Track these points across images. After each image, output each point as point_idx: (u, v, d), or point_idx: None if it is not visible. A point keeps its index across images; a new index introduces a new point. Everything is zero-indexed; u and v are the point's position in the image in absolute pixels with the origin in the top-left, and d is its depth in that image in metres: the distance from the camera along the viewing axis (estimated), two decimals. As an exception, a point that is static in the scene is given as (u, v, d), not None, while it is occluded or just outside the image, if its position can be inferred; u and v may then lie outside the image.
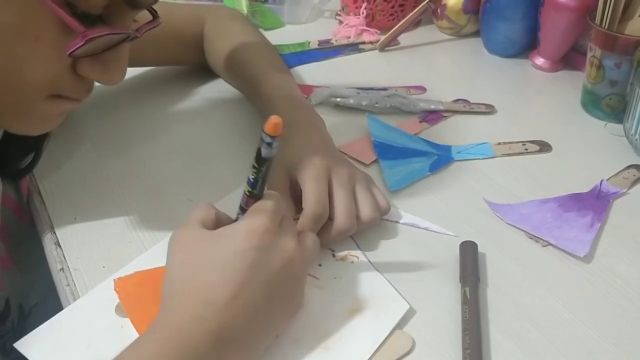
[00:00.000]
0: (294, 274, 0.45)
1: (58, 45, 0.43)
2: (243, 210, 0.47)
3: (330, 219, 0.53)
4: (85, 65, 0.46)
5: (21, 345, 0.47)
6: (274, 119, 0.42)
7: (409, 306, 0.50)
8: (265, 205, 0.46)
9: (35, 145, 0.60)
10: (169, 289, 0.44)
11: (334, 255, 0.55)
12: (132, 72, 0.84)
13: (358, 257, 0.55)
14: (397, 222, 0.59)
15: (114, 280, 0.51)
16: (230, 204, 0.59)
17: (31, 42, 0.42)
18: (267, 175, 0.45)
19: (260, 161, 0.44)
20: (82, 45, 0.43)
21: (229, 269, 0.42)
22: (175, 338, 0.40)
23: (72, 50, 0.43)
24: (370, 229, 0.57)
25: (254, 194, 0.46)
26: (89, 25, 0.43)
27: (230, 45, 0.75)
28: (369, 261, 0.54)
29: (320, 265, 0.54)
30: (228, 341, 0.41)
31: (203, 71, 0.82)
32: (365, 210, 0.55)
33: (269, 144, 0.43)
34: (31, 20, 0.42)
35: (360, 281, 0.52)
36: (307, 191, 0.53)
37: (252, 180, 0.45)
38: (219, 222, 0.47)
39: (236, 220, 0.47)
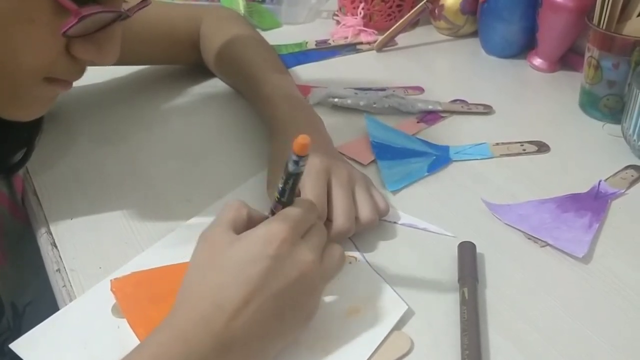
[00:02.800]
0: (309, 286, 0.44)
1: (53, 27, 0.43)
2: (272, 213, 0.46)
3: (329, 220, 0.53)
4: (78, 46, 0.46)
5: (17, 347, 0.47)
6: (302, 140, 0.42)
7: (407, 307, 0.49)
8: (290, 213, 0.45)
9: (27, 140, 0.60)
10: (184, 288, 0.43)
11: (332, 256, 0.55)
12: (128, 70, 0.84)
13: (356, 258, 0.55)
14: (395, 222, 0.59)
15: (111, 280, 0.51)
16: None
17: (27, 25, 0.43)
18: (295, 187, 0.45)
19: (288, 175, 0.44)
20: (75, 24, 0.43)
21: (243, 274, 0.42)
22: (182, 338, 0.40)
23: (66, 29, 0.43)
24: (369, 230, 0.56)
25: (282, 201, 0.46)
26: (81, 5, 0.43)
27: (228, 45, 0.75)
28: (367, 262, 0.54)
29: None
30: (233, 347, 0.41)
31: (199, 70, 0.82)
32: (365, 211, 0.55)
33: (296, 162, 0.43)
34: (26, 2, 0.42)
35: (358, 282, 0.52)
36: (306, 192, 0.53)
37: (280, 188, 0.45)
38: (251, 221, 0.46)
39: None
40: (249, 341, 0.41)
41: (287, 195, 0.45)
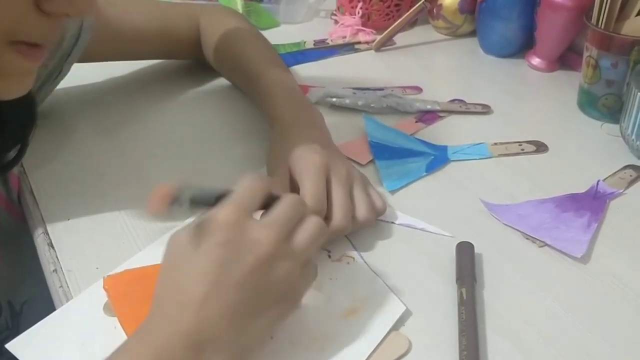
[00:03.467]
0: (276, 269, 0.41)
1: None
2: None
3: (327, 217, 0.53)
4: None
5: (13, 347, 0.46)
6: (160, 192, 0.42)
7: (405, 307, 0.49)
8: (234, 196, 0.42)
9: (21, 136, 0.58)
10: (156, 291, 0.42)
11: (329, 256, 0.54)
12: (125, 69, 0.84)
13: (354, 258, 0.54)
14: (393, 222, 0.59)
15: (103, 278, 0.50)
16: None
17: None
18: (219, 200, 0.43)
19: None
20: None
21: (197, 268, 0.40)
22: (151, 343, 0.39)
23: None
24: (366, 229, 0.56)
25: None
26: None
27: (228, 41, 0.75)
28: (365, 262, 0.54)
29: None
30: (204, 344, 0.39)
31: (198, 67, 0.82)
32: (362, 210, 0.54)
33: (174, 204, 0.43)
34: None
35: (356, 282, 0.52)
36: (305, 188, 0.52)
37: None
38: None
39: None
40: (220, 336, 0.40)
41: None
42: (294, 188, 0.55)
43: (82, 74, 0.78)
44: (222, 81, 0.82)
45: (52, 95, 0.72)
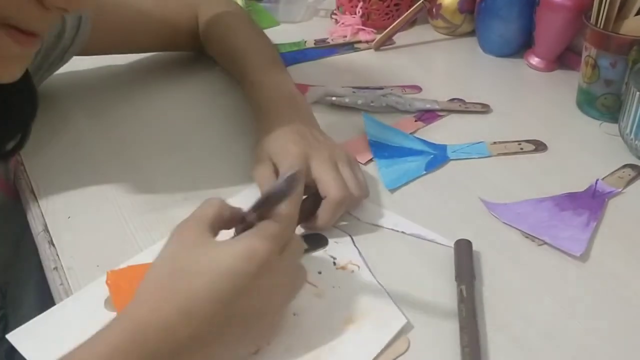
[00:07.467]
0: (279, 305, 0.44)
1: None
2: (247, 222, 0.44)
3: (322, 197, 0.54)
4: None
5: (13, 337, 0.46)
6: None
7: (406, 320, 0.48)
8: (272, 229, 0.42)
9: (22, 124, 0.57)
10: (148, 282, 0.41)
11: (334, 263, 0.54)
12: (125, 63, 0.84)
13: (359, 267, 0.54)
14: (393, 229, 0.58)
15: (107, 272, 0.51)
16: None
17: None
18: (277, 204, 0.43)
19: (273, 192, 0.43)
20: None
21: (217, 286, 0.39)
22: (140, 342, 0.38)
23: None
24: (364, 228, 0.56)
25: (259, 212, 0.44)
26: None
27: (220, 30, 0.76)
28: (370, 271, 0.53)
29: (320, 272, 0.53)
30: (194, 353, 0.39)
31: (199, 64, 0.82)
32: (350, 187, 0.56)
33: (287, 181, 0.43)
34: None
35: (359, 292, 0.51)
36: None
37: (260, 200, 0.44)
38: (229, 221, 0.45)
39: (242, 226, 0.45)
40: (209, 348, 0.40)
41: (264, 207, 0.44)
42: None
43: (81, 73, 0.78)
44: (221, 74, 0.82)
45: (53, 92, 0.72)
